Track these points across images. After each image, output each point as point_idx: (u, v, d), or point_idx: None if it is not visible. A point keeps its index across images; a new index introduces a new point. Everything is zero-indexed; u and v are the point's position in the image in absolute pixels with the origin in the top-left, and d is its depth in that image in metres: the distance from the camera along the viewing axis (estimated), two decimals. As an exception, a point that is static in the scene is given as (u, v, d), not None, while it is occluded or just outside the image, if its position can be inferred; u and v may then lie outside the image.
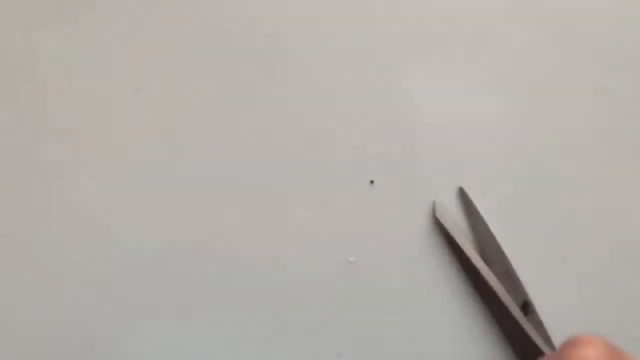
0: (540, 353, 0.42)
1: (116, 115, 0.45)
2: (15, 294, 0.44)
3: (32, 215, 0.44)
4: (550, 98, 0.46)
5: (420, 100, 0.45)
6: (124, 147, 0.45)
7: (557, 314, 0.43)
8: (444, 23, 0.46)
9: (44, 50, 0.45)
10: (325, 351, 0.43)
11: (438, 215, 0.44)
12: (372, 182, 0.43)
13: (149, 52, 0.45)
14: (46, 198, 0.44)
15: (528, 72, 0.46)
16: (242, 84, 0.45)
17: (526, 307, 0.43)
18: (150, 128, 0.45)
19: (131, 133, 0.45)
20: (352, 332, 0.43)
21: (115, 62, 0.45)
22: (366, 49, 0.45)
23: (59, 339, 0.43)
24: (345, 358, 0.43)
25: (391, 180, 0.44)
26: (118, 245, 0.44)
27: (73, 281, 0.44)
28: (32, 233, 0.44)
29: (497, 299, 0.43)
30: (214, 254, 0.44)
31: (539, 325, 0.43)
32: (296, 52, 0.45)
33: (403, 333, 0.43)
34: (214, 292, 0.44)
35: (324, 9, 0.46)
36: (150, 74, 0.45)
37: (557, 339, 0.43)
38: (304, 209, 0.44)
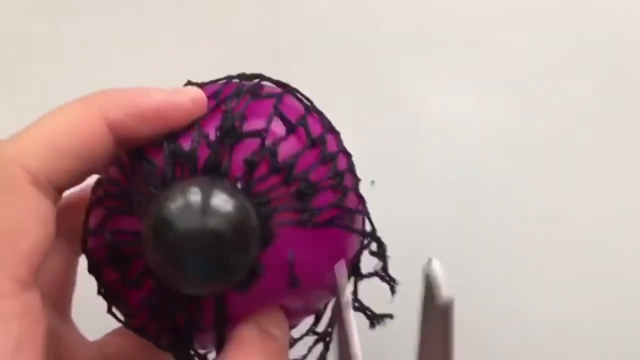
0: None
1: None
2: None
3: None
4: (550, 98, 0.46)
5: (422, 100, 0.45)
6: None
7: None
8: (445, 22, 0.46)
9: (43, 50, 0.45)
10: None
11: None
12: (372, 182, 0.43)
13: (148, 52, 0.45)
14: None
15: (529, 73, 0.46)
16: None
17: None
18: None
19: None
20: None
21: (113, 62, 0.45)
22: (367, 48, 0.45)
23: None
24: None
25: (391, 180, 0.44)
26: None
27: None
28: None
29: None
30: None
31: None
32: (295, 52, 0.45)
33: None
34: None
35: (324, 8, 0.46)
36: (149, 75, 0.45)
37: None
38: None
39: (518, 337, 0.43)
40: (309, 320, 0.30)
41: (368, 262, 0.30)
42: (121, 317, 0.26)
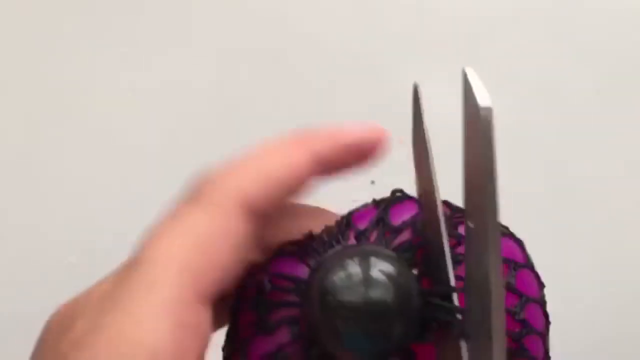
0: None
1: (111, 115, 0.46)
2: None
3: (27, 216, 0.46)
4: (550, 98, 0.47)
5: (423, 100, 0.45)
6: (120, 146, 0.46)
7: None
8: (445, 23, 0.47)
9: (42, 50, 0.47)
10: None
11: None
12: (372, 182, 0.43)
13: (145, 52, 0.46)
14: (41, 198, 0.45)
15: (529, 72, 0.47)
16: (240, 84, 0.46)
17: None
18: (145, 128, 0.46)
19: (126, 133, 0.46)
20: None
21: (111, 61, 0.46)
22: (367, 49, 0.46)
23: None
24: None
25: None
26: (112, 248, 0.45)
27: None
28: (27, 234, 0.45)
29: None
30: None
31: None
32: (296, 52, 0.46)
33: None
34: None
35: (324, 9, 0.46)
36: (145, 74, 0.46)
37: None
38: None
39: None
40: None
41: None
42: None
